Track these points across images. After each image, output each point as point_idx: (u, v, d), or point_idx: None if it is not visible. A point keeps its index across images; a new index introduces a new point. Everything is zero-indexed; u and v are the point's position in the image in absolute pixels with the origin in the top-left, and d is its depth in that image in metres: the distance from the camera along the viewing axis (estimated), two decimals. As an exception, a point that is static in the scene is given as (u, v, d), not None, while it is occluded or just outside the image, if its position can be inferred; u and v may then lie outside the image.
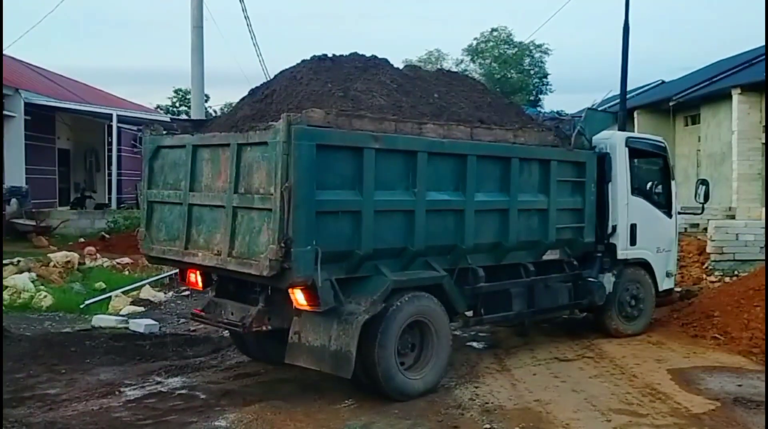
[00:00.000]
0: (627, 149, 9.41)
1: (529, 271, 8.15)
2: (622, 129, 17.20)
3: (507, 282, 8.04)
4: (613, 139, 9.39)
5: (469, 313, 7.78)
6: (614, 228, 9.19)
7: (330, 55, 7.53)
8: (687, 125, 23.83)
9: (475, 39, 46.82)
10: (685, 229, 16.06)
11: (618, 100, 20.13)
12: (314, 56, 7.47)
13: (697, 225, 16.30)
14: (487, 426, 6.18)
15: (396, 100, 7.17)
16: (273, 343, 7.25)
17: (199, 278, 7.37)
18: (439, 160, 7.03)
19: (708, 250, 13.67)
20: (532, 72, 46.65)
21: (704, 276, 13.23)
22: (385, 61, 7.79)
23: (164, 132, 7.44)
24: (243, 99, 7.64)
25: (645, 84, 31.39)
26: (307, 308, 6.26)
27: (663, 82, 31.21)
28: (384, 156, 6.54)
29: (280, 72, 7.60)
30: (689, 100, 22.47)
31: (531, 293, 8.26)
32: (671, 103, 22.88)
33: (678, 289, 12.03)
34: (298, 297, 6.23)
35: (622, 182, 9.30)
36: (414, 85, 7.73)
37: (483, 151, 7.41)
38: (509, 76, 45.49)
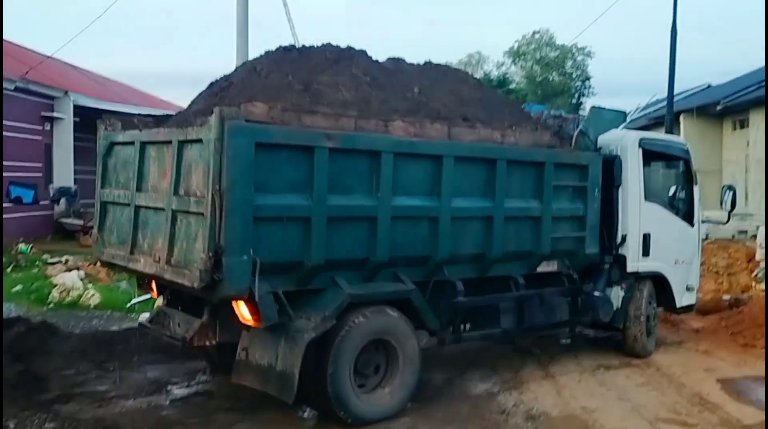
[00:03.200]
0: (641, 151, 8.53)
1: (519, 284, 7.38)
2: (669, 132, 16.93)
3: (491, 296, 7.31)
4: (624, 140, 8.47)
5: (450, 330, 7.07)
6: (624, 238, 8.36)
7: (300, 45, 7.00)
8: (735, 130, 23.31)
9: (517, 41, 46.69)
10: (733, 235, 15.74)
11: (663, 104, 19.81)
12: (280, 47, 6.94)
13: (746, 232, 15.96)
14: (532, 433, 6.13)
15: (365, 95, 6.56)
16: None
17: (154, 285, 6.76)
18: (408, 161, 6.34)
19: (757, 257, 13.39)
20: (574, 75, 46.23)
21: (754, 284, 12.94)
22: (363, 52, 7.17)
23: (120, 127, 6.86)
24: (202, 92, 7.03)
25: (691, 87, 30.80)
26: (251, 323, 5.71)
27: (710, 85, 30.61)
28: (340, 156, 5.87)
29: (243, 63, 7.05)
30: (738, 104, 21.99)
31: (521, 309, 7.51)
32: (719, 107, 22.41)
33: (726, 298, 11.80)
34: (242, 311, 5.67)
35: (634, 187, 8.44)
36: (392, 78, 7.10)
37: (462, 152, 6.67)
38: (551, 78, 45.18)
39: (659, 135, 10.70)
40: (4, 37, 19.39)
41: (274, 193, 5.58)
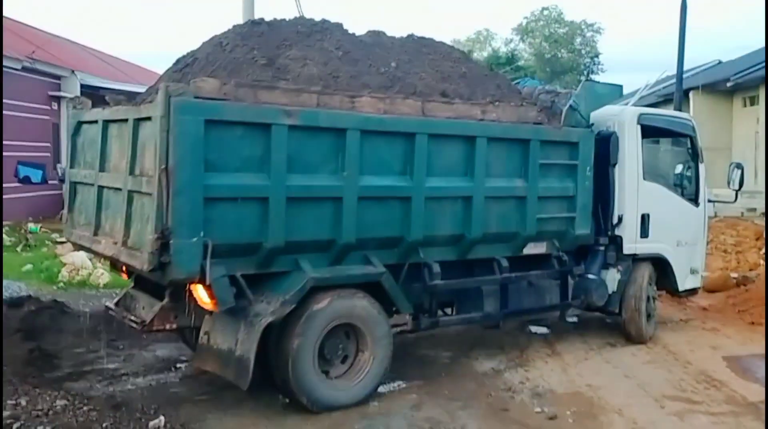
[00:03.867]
0: (639, 127, 8.14)
1: (503, 267, 7.06)
2: (678, 109, 16.83)
3: (470, 279, 7.04)
4: (622, 116, 8.10)
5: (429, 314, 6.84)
6: (620, 218, 7.99)
7: (271, 18, 6.72)
8: (745, 106, 23.15)
9: (525, 18, 46.37)
10: (742, 213, 15.70)
11: (672, 81, 19.68)
12: (249, 20, 6.67)
13: (755, 209, 15.91)
14: (538, 409, 6.17)
15: (334, 70, 6.27)
16: None
17: (124, 267, 6.41)
18: (378, 139, 6.02)
19: (766, 235, 13.33)
20: (583, 52, 45.85)
21: (761, 262, 12.91)
22: (338, 25, 6.91)
23: (90, 106, 6.68)
24: (168, 69, 6.77)
25: (701, 64, 30.55)
26: (210, 307, 5.53)
27: (720, 62, 30.35)
28: (301, 134, 5.59)
29: (210, 38, 6.72)
30: (748, 80, 21.82)
31: (504, 292, 7.20)
32: (729, 84, 22.26)
33: (734, 276, 11.78)
34: (201, 294, 5.47)
35: (632, 165, 8.05)
36: (368, 52, 6.77)
37: (437, 129, 6.34)
38: (560, 55, 44.86)
39: (662, 111, 10.03)
40: (11, 16, 19.37)
41: (227, 172, 5.34)
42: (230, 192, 5.37)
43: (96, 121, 6.31)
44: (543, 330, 8.80)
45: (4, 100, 12.81)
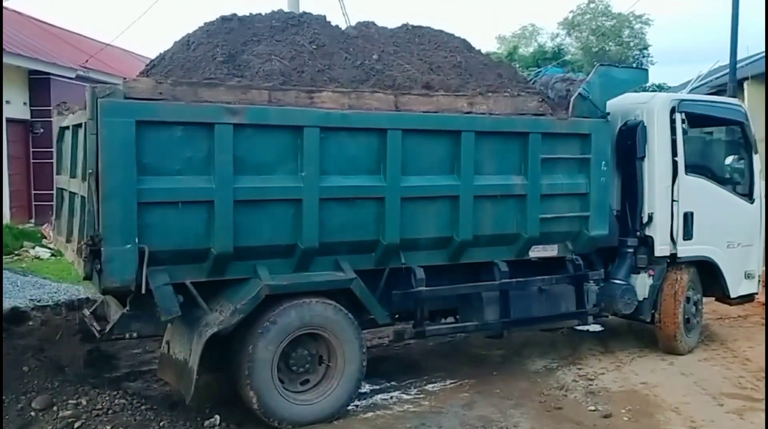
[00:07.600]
0: (677, 116, 7.41)
1: (502, 271, 6.53)
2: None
3: (463, 285, 6.52)
4: (651, 104, 7.37)
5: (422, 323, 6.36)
6: (650, 217, 7.33)
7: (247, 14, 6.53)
8: (803, 95, 22.42)
9: (571, 12, 45.58)
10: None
11: (725, 72, 19.19)
12: (220, 17, 6.42)
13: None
14: (592, 408, 6.11)
15: (300, 64, 5.98)
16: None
17: None
18: (342, 136, 5.66)
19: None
20: (631, 44, 44.97)
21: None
22: (320, 18, 6.63)
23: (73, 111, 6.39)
24: (141, 72, 6.50)
25: (756, 53, 29.69)
26: (161, 316, 5.24)
27: (775, 49, 29.46)
28: (250, 133, 5.31)
29: (182, 37, 6.46)
30: (805, 68, 21.11)
31: (506, 299, 6.61)
32: (785, 73, 21.58)
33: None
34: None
35: (664, 158, 7.31)
36: (348, 45, 6.46)
37: (412, 124, 5.90)
38: (607, 49, 44.04)
39: (703, 96, 9.09)
40: (65, 26, 19.90)
41: (165, 175, 5.11)
42: (169, 196, 5.13)
43: (68, 127, 6.19)
44: (596, 328, 8.68)
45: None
